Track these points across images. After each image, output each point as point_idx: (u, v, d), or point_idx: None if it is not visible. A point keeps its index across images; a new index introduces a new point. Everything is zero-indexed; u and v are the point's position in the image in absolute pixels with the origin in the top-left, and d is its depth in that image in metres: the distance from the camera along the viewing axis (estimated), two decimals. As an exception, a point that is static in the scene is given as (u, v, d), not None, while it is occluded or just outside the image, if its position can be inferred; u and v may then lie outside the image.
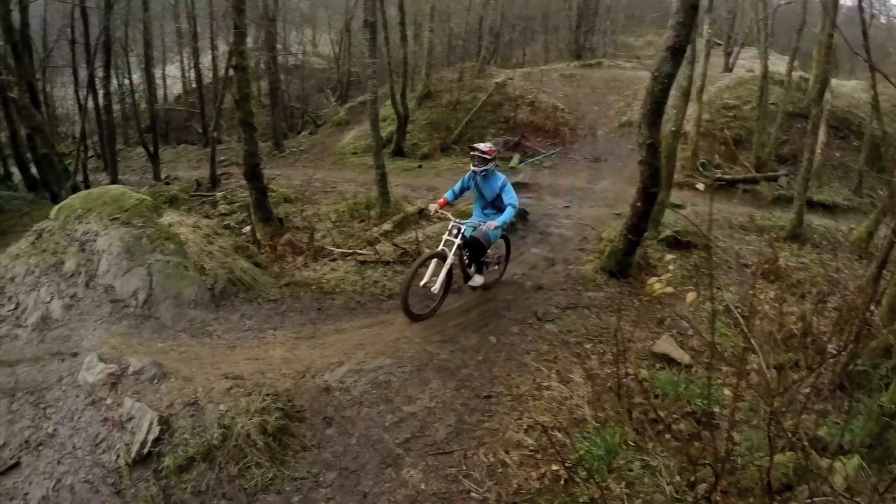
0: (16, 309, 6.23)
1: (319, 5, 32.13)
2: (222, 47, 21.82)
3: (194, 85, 23.97)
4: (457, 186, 7.63)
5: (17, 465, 4.44)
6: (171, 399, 4.71)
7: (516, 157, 16.81)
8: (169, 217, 7.43)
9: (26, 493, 4.21)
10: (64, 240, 6.71)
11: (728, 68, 22.30)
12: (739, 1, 23.44)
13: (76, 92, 18.00)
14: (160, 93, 23.31)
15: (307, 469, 4.47)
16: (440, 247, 7.15)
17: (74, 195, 7.63)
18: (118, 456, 4.33)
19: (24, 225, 11.76)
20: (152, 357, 5.20)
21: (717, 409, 5.04)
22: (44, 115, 15.25)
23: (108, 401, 4.73)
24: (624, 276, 8.12)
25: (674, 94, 7.94)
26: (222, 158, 16.88)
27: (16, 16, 14.34)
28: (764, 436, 3.97)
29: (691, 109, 12.11)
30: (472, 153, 7.41)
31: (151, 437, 4.36)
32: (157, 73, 21.64)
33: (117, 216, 6.80)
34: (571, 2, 27.40)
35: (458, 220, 7.32)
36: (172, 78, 26.59)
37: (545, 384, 5.53)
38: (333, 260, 8.65)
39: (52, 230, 6.90)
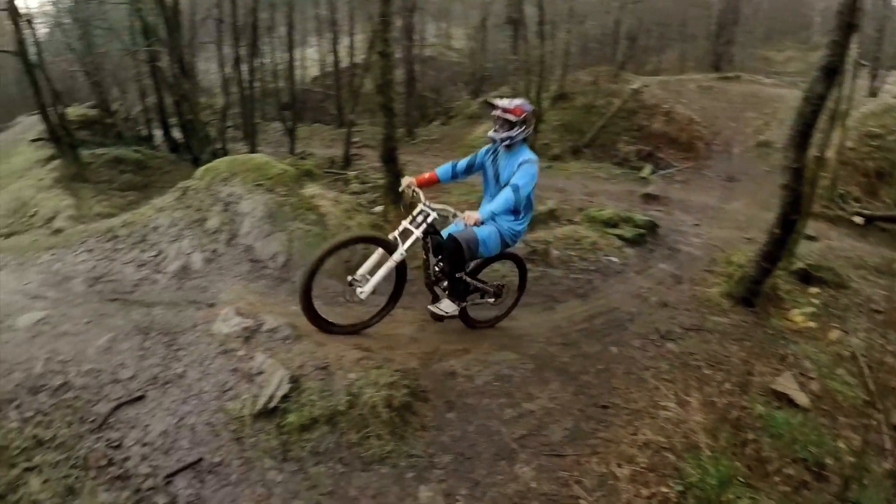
0: (157, 256, 6.58)
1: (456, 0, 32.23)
2: (359, 35, 22.48)
3: (329, 69, 24.76)
4: (464, 160, 5.73)
5: (142, 397, 4.59)
6: (303, 360, 4.83)
7: (649, 168, 16.34)
8: (311, 189, 7.66)
9: (147, 425, 4.37)
10: (208, 199, 7.03)
11: (872, 92, 20.71)
12: (888, 19, 21.80)
13: (221, 67, 18.97)
14: (297, 73, 24.16)
15: (424, 448, 4.49)
16: (393, 233, 5.29)
17: (219, 159, 8.00)
18: (243, 406, 4.46)
19: (164, 181, 12.54)
20: (287, 318, 5.37)
21: (829, 461, 4.74)
22: (191, 86, 16.10)
23: (240, 352, 4.89)
24: (751, 304, 7.72)
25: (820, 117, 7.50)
26: (355, 140, 17.28)
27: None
28: (876, 498, 3.72)
29: (833, 135, 11.41)
30: (492, 112, 5.29)
31: (280, 393, 4.47)
32: (297, 54, 22.43)
33: (261, 183, 7.09)
34: (711, 10, 26.29)
35: (430, 205, 5.27)
36: (310, 60, 27.55)
37: (662, 403, 5.32)
38: (461, 249, 8.53)
39: (198, 189, 7.24)
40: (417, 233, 5.15)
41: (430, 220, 5.20)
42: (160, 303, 5.80)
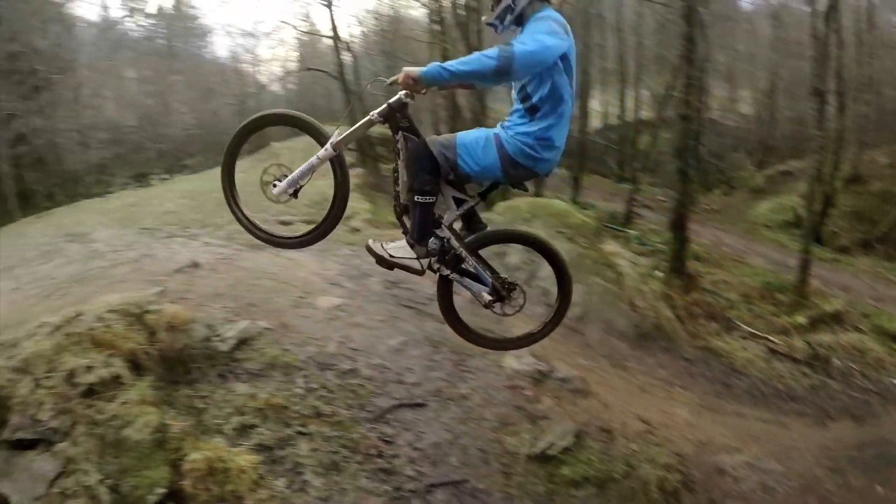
0: (457, 282, 7.06)
1: (742, 60, 30.23)
2: (645, 91, 22.31)
3: (612, 122, 24.78)
4: None
5: (422, 405, 4.92)
6: (588, 418, 5.03)
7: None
8: (610, 246, 7.83)
9: (422, 432, 4.67)
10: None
11: None
12: None
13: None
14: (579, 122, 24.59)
15: (676, 542, 4.45)
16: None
17: (519, 199, 8.42)
18: (521, 444, 4.70)
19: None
20: (578, 371, 5.60)
21: None
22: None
23: (528, 392, 5.18)
24: None
25: None
26: (637, 197, 17.13)
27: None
28: None
29: None
30: None
31: (562, 444, 4.69)
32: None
33: (562, 230, 7.38)
34: None
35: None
36: (592, 111, 27.70)
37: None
38: (744, 338, 8.31)
39: (498, 224, 7.71)
40: (374, 114, 3.34)
41: (393, 102, 3.30)
42: (457, 323, 6.21)
